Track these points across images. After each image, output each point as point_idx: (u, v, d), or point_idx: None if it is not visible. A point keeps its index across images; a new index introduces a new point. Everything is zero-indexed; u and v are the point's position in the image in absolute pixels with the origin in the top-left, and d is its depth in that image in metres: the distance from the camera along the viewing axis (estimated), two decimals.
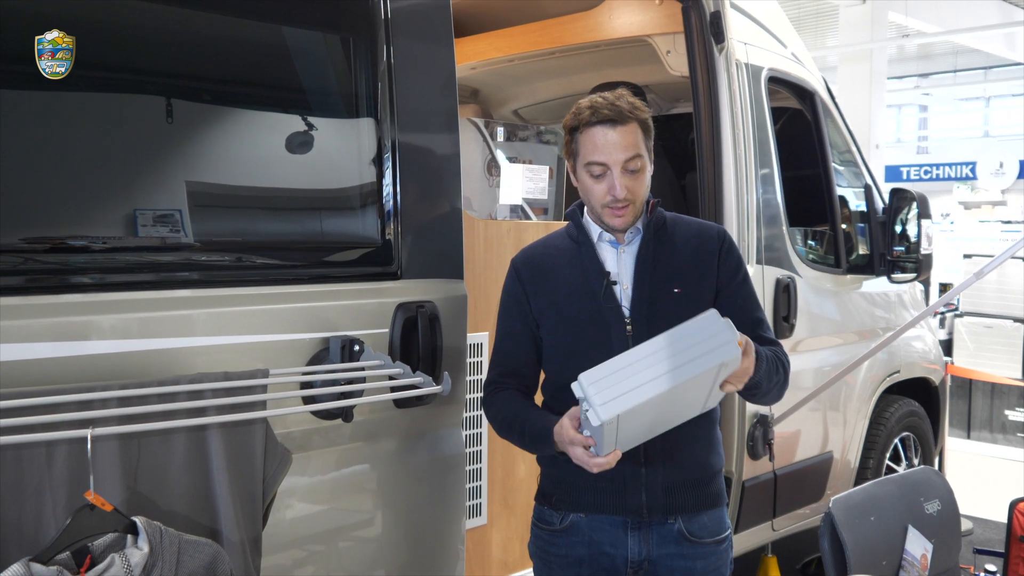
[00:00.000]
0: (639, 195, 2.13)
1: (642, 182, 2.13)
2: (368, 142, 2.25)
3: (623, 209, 2.12)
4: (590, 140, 2.10)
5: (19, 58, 1.74)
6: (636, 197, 2.12)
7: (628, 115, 2.09)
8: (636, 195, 2.12)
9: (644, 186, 2.14)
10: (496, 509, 3.08)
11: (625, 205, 2.11)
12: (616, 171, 2.09)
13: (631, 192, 2.10)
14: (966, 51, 19.10)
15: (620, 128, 2.08)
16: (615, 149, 2.08)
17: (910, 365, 4.71)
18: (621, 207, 2.12)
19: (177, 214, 1.96)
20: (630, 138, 2.09)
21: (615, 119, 2.08)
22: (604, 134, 2.08)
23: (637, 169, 2.11)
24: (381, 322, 2.22)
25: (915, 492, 2.99)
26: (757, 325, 2.21)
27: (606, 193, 2.11)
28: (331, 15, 2.25)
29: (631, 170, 2.10)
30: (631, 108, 2.10)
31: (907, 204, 4.43)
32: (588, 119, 2.10)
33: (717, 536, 2.21)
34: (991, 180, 20.10)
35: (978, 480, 6.57)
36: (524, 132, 4.19)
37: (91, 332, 1.79)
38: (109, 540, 1.62)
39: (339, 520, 2.21)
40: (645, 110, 2.14)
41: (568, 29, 4.35)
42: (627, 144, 2.08)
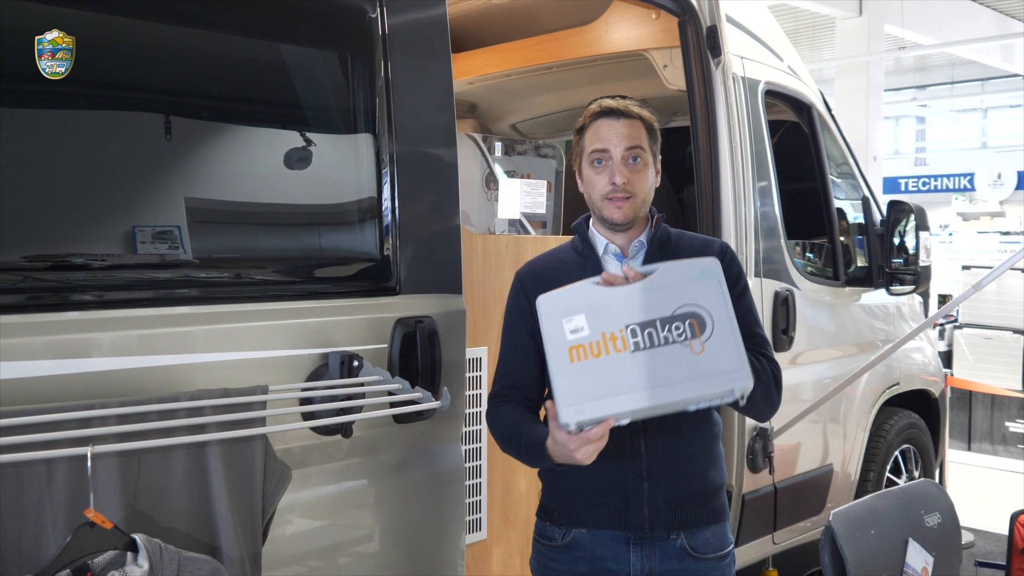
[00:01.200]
0: (639, 189, 2.14)
1: (644, 178, 2.15)
2: (366, 158, 2.26)
3: (623, 200, 2.13)
4: (594, 132, 2.16)
5: (21, 77, 1.75)
6: (636, 191, 2.14)
7: (634, 113, 2.16)
8: (636, 188, 2.14)
9: (645, 182, 2.16)
10: (496, 524, 3.07)
11: (625, 197, 2.13)
12: (617, 158, 2.12)
13: (631, 183, 2.12)
14: (963, 63, 19.17)
15: (624, 120, 2.15)
16: (617, 137, 2.13)
17: (910, 377, 4.70)
18: (621, 197, 2.13)
19: (176, 230, 1.96)
20: (633, 130, 2.14)
21: (620, 112, 2.15)
22: (608, 125, 2.15)
23: (639, 162, 2.14)
24: (380, 337, 2.22)
25: (915, 505, 2.99)
26: (754, 338, 2.21)
27: (607, 183, 2.13)
28: (329, 32, 2.26)
29: (632, 161, 2.13)
30: (638, 108, 2.18)
31: (905, 216, 4.44)
32: (594, 112, 2.18)
33: (720, 552, 2.20)
34: (989, 191, 20.13)
35: (979, 492, 6.56)
36: (522, 146, 4.20)
37: (91, 349, 1.79)
38: (109, 558, 1.62)
39: (339, 536, 2.21)
40: (652, 116, 2.20)
41: (565, 44, 4.37)
42: (630, 135, 2.14)
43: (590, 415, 1.84)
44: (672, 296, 1.88)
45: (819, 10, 13.97)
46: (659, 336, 1.85)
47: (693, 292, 1.88)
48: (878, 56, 14.37)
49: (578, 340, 1.87)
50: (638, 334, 1.86)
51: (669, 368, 1.83)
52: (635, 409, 1.84)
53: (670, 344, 1.85)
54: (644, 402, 1.83)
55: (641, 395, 1.83)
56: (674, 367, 1.83)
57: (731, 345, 1.84)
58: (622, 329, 1.86)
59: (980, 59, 17.12)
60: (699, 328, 1.85)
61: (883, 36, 14.37)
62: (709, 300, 1.87)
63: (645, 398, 1.83)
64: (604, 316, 1.88)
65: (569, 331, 1.89)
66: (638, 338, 1.85)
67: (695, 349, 1.84)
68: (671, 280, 1.90)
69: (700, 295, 1.87)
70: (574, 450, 1.89)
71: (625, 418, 1.87)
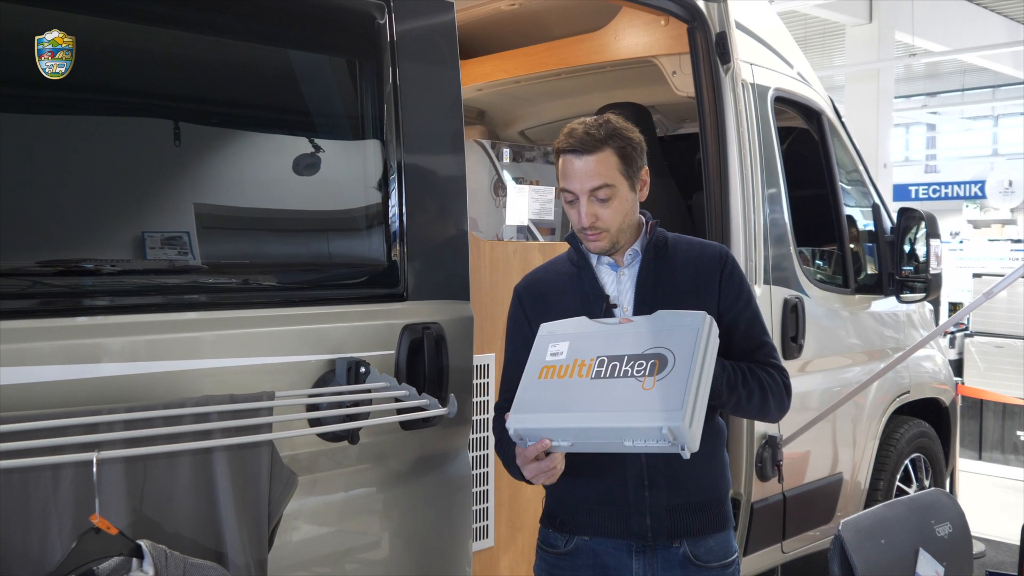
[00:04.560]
0: (611, 223, 2.12)
1: (615, 209, 2.11)
2: (374, 164, 2.26)
3: (596, 235, 2.12)
4: (562, 168, 2.12)
5: (47, 84, 1.76)
6: (609, 225, 2.11)
7: (600, 143, 2.07)
8: (608, 223, 2.11)
9: (619, 213, 2.12)
10: (503, 531, 3.06)
11: (598, 232, 2.12)
12: (583, 200, 2.09)
13: (600, 220, 2.10)
14: (974, 70, 19.11)
15: (586, 157, 2.07)
16: (581, 177, 2.08)
17: (920, 385, 4.68)
18: (593, 234, 2.12)
19: (185, 236, 1.96)
20: (599, 167, 2.07)
21: (581, 149, 2.07)
22: (571, 163, 2.09)
23: (607, 198, 2.09)
24: (387, 344, 2.21)
25: (926, 515, 2.96)
26: (760, 348, 2.19)
27: (578, 220, 2.13)
28: (337, 38, 2.27)
29: (601, 199, 2.09)
30: (607, 135, 2.08)
31: (915, 223, 4.42)
32: (561, 144, 2.11)
33: (724, 560, 2.18)
34: (1000, 199, 20.02)
35: (990, 501, 6.52)
36: (530, 153, 4.20)
37: (100, 354, 1.79)
38: (114, 564, 1.61)
39: (345, 542, 2.20)
40: (628, 135, 2.11)
41: (574, 50, 4.37)
42: (594, 173, 2.07)
43: (529, 424, 1.92)
44: (650, 337, 1.93)
45: (829, 17, 13.94)
46: (621, 369, 1.91)
47: (670, 337, 1.92)
48: (888, 63, 14.33)
49: (553, 361, 1.98)
50: (604, 364, 1.92)
51: (613, 398, 1.88)
52: (567, 428, 1.90)
53: (626, 377, 1.89)
54: (577, 422, 1.89)
55: (577, 415, 1.89)
56: (618, 398, 1.87)
57: (679, 387, 1.84)
58: (593, 358, 1.94)
59: (991, 66, 17.06)
60: (659, 367, 1.88)
61: (893, 43, 14.34)
62: (681, 346, 1.89)
63: (579, 419, 1.89)
64: (585, 345, 1.97)
65: (550, 353, 2.00)
66: (602, 368, 1.92)
67: (646, 385, 1.87)
68: (658, 325, 1.95)
69: (675, 340, 1.91)
70: (521, 467, 1.98)
71: (561, 439, 1.91)
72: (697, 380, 1.85)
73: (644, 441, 1.84)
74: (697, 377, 1.85)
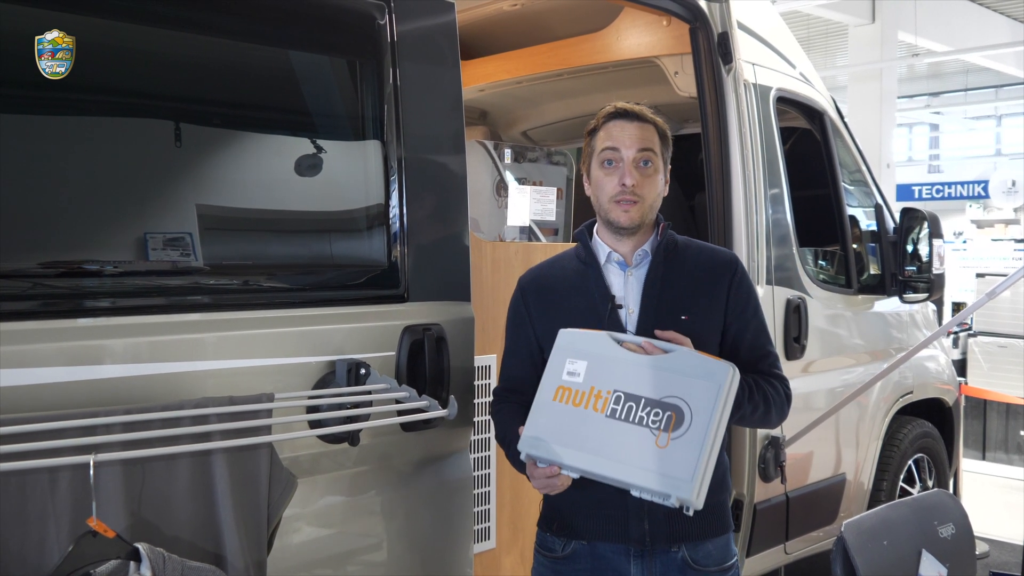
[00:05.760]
0: (648, 194, 2.13)
1: (653, 183, 2.14)
2: (375, 165, 2.25)
3: (631, 204, 2.12)
4: (607, 132, 2.16)
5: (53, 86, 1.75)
6: (645, 195, 2.13)
7: (648, 117, 2.17)
8: (645, 192, 2.12)
9: (655, 188, 2.15)
10: (505, 533, 3.05)
11: (633, 200, 2.11)
12: (628, 159, 2.12)
13: (640, 186, 2.11)
14: (977, 70, 19.07)
15: (638, 123, 2.15)
16: (630, 139, 2.13)
17: (923, 386, 4.67)
18: (629, 200, 2.11)
19: (187, 237, 1.96)
20: (647, 133, 2.14)
21: (635, 114, 2.15)
22: (621, 126, 2.14)
23: (649, 166, 2.13)
24: (388, 345, 2.21)
25: (929, 516, 2.95)
26: (764, 359, 2.19)
27: (616, 184, 2.12)
28: (338, 39, 2.26)
29: (644, 164, 2.13)
30: (652, 114, 2.18)
31: (918, 223, 4.41)
32: (608, 113, 2.17)
33: (723, 564, 2.17)
34: (1003, 199, 19.99)
35: (994, 502, 6.50)
36: (533, 153, 4.19)
37: (102, 356, 1.79)
38: (112, 567, 1.60)
39: (345, 545, 2.19)
40: (665, 124, 2.20)
41: (576, 51, 4.36)
42: (643, 137, 2.13)
43: (540, 454, 1.95)
44: (670, 383, 1.90)
45: (832, 17, 13.93)
46: (636, 414, 1.90)
47: (691, 387, 1.89)
48: (891, 63, 14.31)
49: (569, 383, 1.97)
50: (620, 402, 1.92)
51: (627, 448, 1.88)
52: (579, 468, 1.92)
53: (641, 426, 1.89)
54: (590, 467, 1.91)
55: (591, 459, 1.91)
56: (632, 449, 1.88)
57: (693, 454, 1.84)
58: (610, 391, 1.93)
59: (994, 66, 17.03)
60: (675, 423, 1.87)
61: (896, 43, 14.32)
62: (701, 402, 1.87)
63: (593, 464, 1.91)
64: (603, 372, 1.96)
65: (567, 371, 1.99)
66: (618, 406, 1.91)
67: (660, 442, 1.87)
68: (680, 367, 1.92)
69: (695, 393, 1.88)
70: (529, 476, 2.03)
71: (571, 471, 1.94)
72: (711, 446, 1.85)
73: (651, 497, 1.89)
74: (711, 443, 1.85)
